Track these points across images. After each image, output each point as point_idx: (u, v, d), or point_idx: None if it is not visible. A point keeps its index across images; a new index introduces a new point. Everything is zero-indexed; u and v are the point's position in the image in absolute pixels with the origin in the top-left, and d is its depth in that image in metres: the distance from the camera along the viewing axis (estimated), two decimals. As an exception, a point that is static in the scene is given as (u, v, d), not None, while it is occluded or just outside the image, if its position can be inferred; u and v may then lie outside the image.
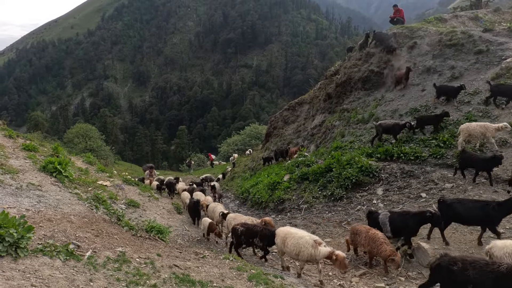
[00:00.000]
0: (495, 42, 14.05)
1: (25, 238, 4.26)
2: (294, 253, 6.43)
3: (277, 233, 7.01)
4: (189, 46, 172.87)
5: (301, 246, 6.31)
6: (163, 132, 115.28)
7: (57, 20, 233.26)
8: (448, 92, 12.66)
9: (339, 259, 6.14)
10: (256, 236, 7.54)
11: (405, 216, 7.34)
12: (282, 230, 6.97)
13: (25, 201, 6.03)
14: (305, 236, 6.47)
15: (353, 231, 7.56)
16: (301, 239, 6.39)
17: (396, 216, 7.48)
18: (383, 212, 7.83)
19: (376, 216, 7.74)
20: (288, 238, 6.59)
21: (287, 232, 6.78)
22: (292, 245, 6.46)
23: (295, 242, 6.43)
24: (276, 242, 6.97)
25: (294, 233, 6.67)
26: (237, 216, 9.23)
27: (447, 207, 7.32)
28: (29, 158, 8.53)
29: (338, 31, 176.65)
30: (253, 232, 7.62)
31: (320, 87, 21.67)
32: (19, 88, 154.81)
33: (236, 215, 9.37)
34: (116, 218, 7.35)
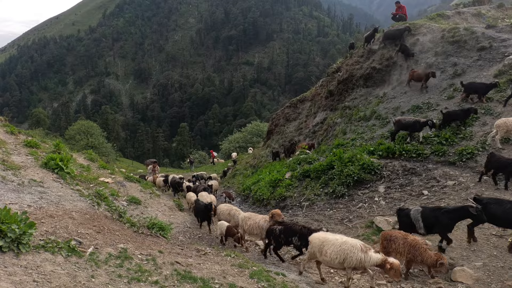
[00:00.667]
0: (498, 38, 13.96)
1: (27, 234, 4.27)
2: (338, 261, 5.71)
3: (311, 240, 6.27)
4: (190, 43, 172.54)
5: (347, 252, 5.62)
6: (164, 129, 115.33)
7: (58, 17, 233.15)
8: (479, 89, 11.84)
9: (395, 267, 5.47)
10: (295, 235, 7.17)
11: (441, 211, 6.91)
12: (317, 237, 6.24)
13: (27, 197, 6.04)
14: (348, 240, 5.83)
15: (385, 237, 6.80)
16: (344, 244, 5.72)
17: (429, 212, 7.07)
18: (414, 207, 7.44)
19: (407, 212, 7.32)
20: (327, 245, 5.89)
21: (324, 239, 6.06)
22: (335, 253, 5.73)
23: (338, 248, 5.72)
24: (311, 251, 6.25)
25: (333, 239, 5.97)
26: (252, 215, 8.56)
27: (483, 207, 6.75)
28: (31, 154, 8.54)
29: (340, 28, 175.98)
30: (293, 231, 7.24)
31: (321, 84, 21.59)
32: (21, 85, 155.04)
33: (250, 214, 8.71)
34: (117, 215, 7.36)
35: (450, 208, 6.96)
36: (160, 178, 17.87)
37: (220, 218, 9.66)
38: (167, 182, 17.21)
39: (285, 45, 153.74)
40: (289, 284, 5.72)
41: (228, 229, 8.71)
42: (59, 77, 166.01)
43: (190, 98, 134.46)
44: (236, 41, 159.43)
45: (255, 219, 8.21)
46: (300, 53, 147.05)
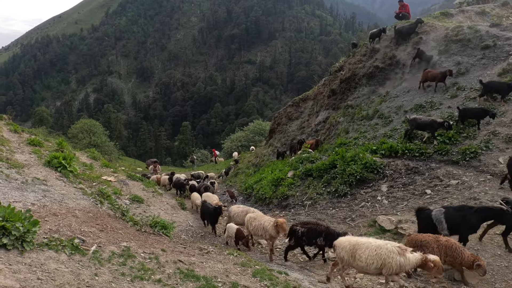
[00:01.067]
0: (502, 37, 13.86)
1: (31, 232, 4.29)
2: (374, 266, 5.32)
3: (339, 245, 5.84)
4: (192, 42, 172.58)
5: (385, 257, 5.24)
6: (166, 128, 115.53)
7: (61, 16, 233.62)
8: (500, 89, 11.31)
9: (438, 264, 5.21)
10: (319, 236, 7.01)
11: (466, 211, 6.63)
12: (347, 241, 5.82)
13: (31, 196, 6.06)
14: (382, 244, 5.45)
15: (415, 242, 6.26)
16: (380, 248, 5.34)
17: (453, 212, 6.80)
18: (436, 208, 7.16)
19: (429, 213, 7.01)
20: (360, 250, 5.49)
21: (356, 243, 5.65)
22: (370, 258, 5.33)
23: (373, 253, 5.33)
24: (340, 256, 5.82)
25: (366, 242, 5.58)
26: (258, 216, 8.32)
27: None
28: (34, 153, 8.58)
29: (343, 27, 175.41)
30: (317, 232, 7.07)
31: (324, 83, 21.54)
32: (24, 83, 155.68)
33: (256, 214, 8.42)
34: (120, 213, 7.38)
35: (477, 208, 6.65)
36: (165, 177, 17.80)
37: (237, 220, 9.26)
38: (172, 181, 17.09)
39: (288, 44, 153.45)
40: (292, 283, 5.72)
41: (237, 232, 8.44)
42: (62, 75, 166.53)
43: (192, 97, 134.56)
44: (238, 40, 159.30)
45: (260, 220, 8.01)
46: (302, 52, 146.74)
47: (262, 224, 7.85)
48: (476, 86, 12.60)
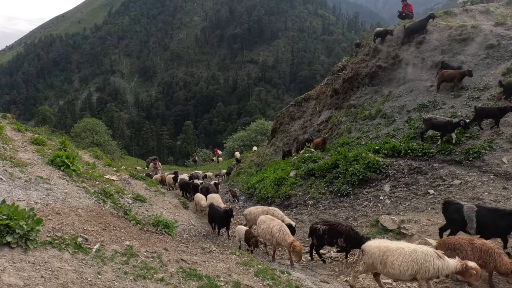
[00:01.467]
0: (506, 36, 13.78)
1: (34, 230, 4.31)
2: (409, 273, 4.99)
3: (368, 250, 5.50)
4: (195, 41, 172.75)
5: (421, 262, 4.92)
6: (169, 127, 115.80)
7: (64, 15, 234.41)
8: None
9: (478, 271, 4.95)
10: (340, 236, 6.86)
11: (500, 213, 6.35)
12: (376, 247, 5.43)
13: (34, 194, 6.09)
14: (416, 247, 5.13)
15: (447, 245, 5.89)
16: (415, 253, 5.01)
17: (485, 212, 6.51)
18: (467, 204, 6.86)
19: (459, 208, 6.68)
20: (392, 256, 5.14)
21: (387, 249, 5.29)
22: (405, 264, 5.00)
23: (408, 258, 5.00)
24: (368, 262, 5.51)
25: (398, 248, 5.20)
26: (267, 219, 7.88)
27: None
28: (38, 151, 8.62)
29: (345, 26, 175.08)
30: (338, 232, 6.91)
31: (326, 82, 21.51)
32: (27, 82, 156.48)
33: (266, 217, 8.02)
34: (123, 212, 7.40)
35: (510, 211, 6.37)
36: (170, 175, 17.68)
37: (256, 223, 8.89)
38: (177, 180, 16.89)
39: (290, 43, 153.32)
40: (294, 282, 5.72)
41: (247, 234, 8.15)
42: (65, 75, 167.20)
43: (195, 96, 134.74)
44: (240, 40, 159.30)
45: (269, 224, 7.59)
46: (305, 52, 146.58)
47: (270, 228, 7.45)
48: (480, 85, 12.53)
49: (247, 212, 9.49)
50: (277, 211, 8.94)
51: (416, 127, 12.33)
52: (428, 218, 8.45)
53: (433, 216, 8.47)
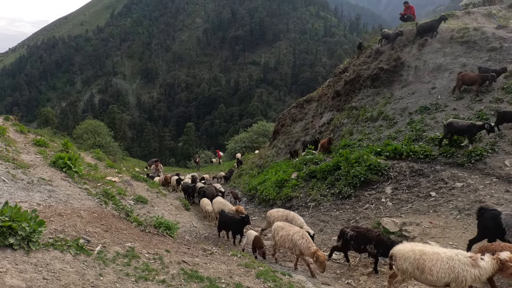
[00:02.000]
0: (509, 39, 13.75)
1: (36, 232, 4.33)
2: (445, 281, 4.77)
3: (401, 255, 5.16)
4: (197, 43, 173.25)
5: (458, 270, 4.70)
6: (170, 129, 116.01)
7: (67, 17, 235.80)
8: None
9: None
10: (370, 243, 6.62)
11: None
12: (411, 251, 5.10)
13: (36, 196, 6.12)
14: (452, 255, 4.83)
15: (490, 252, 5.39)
16: (452, 260, 4.76)
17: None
18: (505, 211, 6.37)
19: (496, 215, 6.15)
20: (429, 262, 4.87)
21: (423, 253, 4.98)
22: (442, 271, 4.76)
23: (445, 266, 4.76)
24: (402, 268, 5.15)
25: (434, 253, 4.93)
26: (285, 225, 7.39)
27: None
28: (40, 153, 8.65)
29: (347, 28, 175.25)
30: (367, 238, 6.69)
31: (328, 84, 21.51)
32: (30, 84, 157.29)
33: (284, 223, 7.60)
34: (124, 214, 7.42)
35: None
36: (174, 177, 17.46)
37: None
38: (180, 183, 16.60)
39: (292, 45, 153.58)
40: (295, 285, 5.71)
41: (255, 240, 7.70)
42: (67, 76, 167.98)
43: (197, 98, 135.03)
44: (242, 41, 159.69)
45: (289, 230, 7.03)
46: (306, 53, 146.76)
47: (291, 236, 6.86)
48: (482, 88, 12.50)
49: (269, 214, 9.09)
50: (296, 216, 8.54)
51: (418, 129, 12.31)
52: (430, 220, 8.43)
53: (435, 219, 8.45)
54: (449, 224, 8.07)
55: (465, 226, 7.86)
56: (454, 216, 8.35)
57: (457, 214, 8.39)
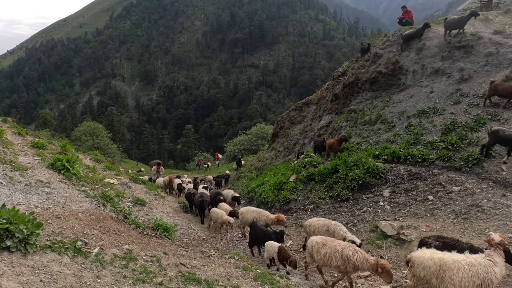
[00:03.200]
0: (505, 44, 13.86)
1: (34, 234, 4.33)
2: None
3: (421, 262, 4.91)
4: (196, 46, 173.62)
5: (483, 276, 4.53)
6: (169, 131, 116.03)
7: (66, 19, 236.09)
8: None
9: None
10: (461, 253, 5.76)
11: None
12: (430, 259, 4.87)
13: (34, 198, 6.11)
14: (472, 261, 4.67)
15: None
16: (473, 266, 4.60)
17: None
18: None
19: None
20: (450, 270, 4.66)
21: (443, 262, 4.76)
22: (465, 279, 4.55)
23: (468, 274, 4.57)
24: (419, 275, 4.94)
25: (454, 261, 4.72)
26: (328, 240, 6.32)
27: None
28: (38, 155, 8.65)
29: (346, 31, 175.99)
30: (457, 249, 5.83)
31: (327, 87, 21.60)
32: (28, 86, 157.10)
33: (323, 238, 6.57)
34: (123, 216, 7.42)
35: None
36: (177, 180, 15.89)
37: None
38: (182, 189, 14.77)
39: (291, 48, 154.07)
40: (293, 287, 5.72)
41: (280, 251, 6.93)
42: (66, 78, 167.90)
43: (196, 100, 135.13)
44: (242, 44, 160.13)
45: (334, 246, 6.03)
46: (305, 56, 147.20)
47: (340, 252, 5.87)
48: (479, 92, 12.58)
49: (308, 224, 8.03)
50: (339, 226, 7.57)
51: (416, 133, 12.36)
52: (427, 224, 8.45)
53: (432, 222, 8.47)
54: (446, 228, 8.09)
55: (462, 230, 7.89)
56: (451, 220, 8.38)
57: (454, 218, 8.42)
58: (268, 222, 8.91)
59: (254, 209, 9.76)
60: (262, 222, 8.95)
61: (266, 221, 8.92)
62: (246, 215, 9.43)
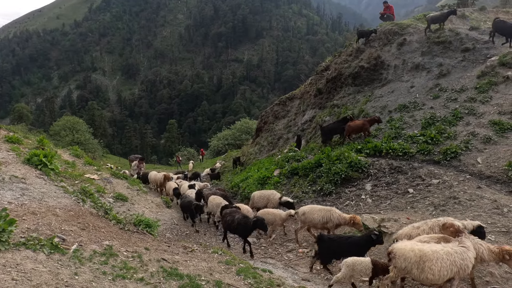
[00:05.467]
0: (481, 40, 14.27)
1: (6, 231, 4.16)
2: (448, 277, 4.77)
3: (402, 254, 4.90)
4: (179, 39, 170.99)
5: (460, 262, 4.72)
6: (152, 126, 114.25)
7: (41, 10, 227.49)
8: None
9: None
10: None
11: None
12: (410, 250, 4.91)
13: (8, 194, 5.88)
14: (449, 250, 4.80)
15: None
16: (450, 254, 4.76)
17: None
18: None
19: None
20: (429, 261, 4.76)
21: (422, 253, 4.83)
22: (444, 268, 4.71)
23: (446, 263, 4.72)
24: (400, 267, 4.94)
25: (433, 252, 4.81)
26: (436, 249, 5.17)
27: None
28: (13, 150, 8.32)
29: (329, 26, 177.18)
30: None
31: (310, 82, 21.69)
32: (2, 79, 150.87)
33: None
34: (103, 212, 7.25)
35: None
36: (171, 183, 13.73)
37: None
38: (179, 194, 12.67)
39: (275, 42, 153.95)
40: (276, 281, 5.74)
41: (376, 266, 5.58)
42: (43, 71, 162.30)
43: (179, 95, 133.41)
44: (225, 38, 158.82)
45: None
46: (289, 51, 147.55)
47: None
48: (457, 87, 12.92)
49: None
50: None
51: (397, 127, 12.59)
52: (407, 216, 8.64)
53: (412, 215, 8.67)
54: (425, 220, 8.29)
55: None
56: (430, 212, 8.60)
57: (432, 210, 8.64)
58: (341, 222, 7.56)
59: (320, 207, 8.14)
60: (331, 224, 7.58)
61: (340, 221, 7.54)
62: (311, 215, 7.87)
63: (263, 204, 10.43)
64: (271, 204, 10.23)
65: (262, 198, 10.62)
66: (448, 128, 11.44)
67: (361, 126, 12.76)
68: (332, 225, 7.60)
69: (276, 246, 8.85)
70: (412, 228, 6.32)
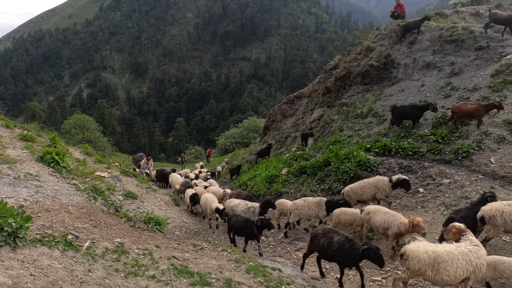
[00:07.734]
0: (495, 38, 13.99)
1: (23, 228, 4.26)
2: (463, 277, 4.70)
3: (415, 256, 4.85)
4: (187, 38, 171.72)
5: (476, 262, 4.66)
6: (160, 124, 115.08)
7: (54, 10, 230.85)
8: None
9: None
10: None
11: None
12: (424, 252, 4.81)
13: (23, 191, 6.01)
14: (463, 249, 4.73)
15: None
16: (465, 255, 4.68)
17: None
18: None
19: None
20: (444, 262, 4.67)
21: (437, 255, 4.73)
22: (460, 269, 4.63)
23: (462, 263, 4.63)
24: (414, 268, 4.87)
25: (447, 253, 4.73)
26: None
27: None
28: (27, 148, 8.48)
29: (338, 25, 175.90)
30: None
31: (319, 81, 21.59)
32: (16, 78, 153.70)
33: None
34: (114, 209, 7.35)
35: None
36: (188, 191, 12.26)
37: None
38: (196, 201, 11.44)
39: (283, 41, 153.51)
40: (285, 279, 5.76)
41: None
42: (55, 70, 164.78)
43: (187, 93, 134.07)
44: (233, 37, 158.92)
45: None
46: (297, 49, 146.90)
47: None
48: (470, 86, 12.71)
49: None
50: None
51: (407, 126, 12.47)
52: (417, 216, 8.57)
53: (423, 215, 8.59)
54: (436, 220, 8.22)
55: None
56: (441, 212, 8.51)
57: (444, 210, 8.55)
58: (401, 229, 6.54)
59: (385, 209, 7.26)
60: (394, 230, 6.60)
61: (400, 226, 6.55)
62: (376, 216, 7.03)
63: None
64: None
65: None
66: (459, 127, 11.28)
67: (473, 111, 10.43)
68: (391, 233, 6.71)
69: (284, 244, 8.87)
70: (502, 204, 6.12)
